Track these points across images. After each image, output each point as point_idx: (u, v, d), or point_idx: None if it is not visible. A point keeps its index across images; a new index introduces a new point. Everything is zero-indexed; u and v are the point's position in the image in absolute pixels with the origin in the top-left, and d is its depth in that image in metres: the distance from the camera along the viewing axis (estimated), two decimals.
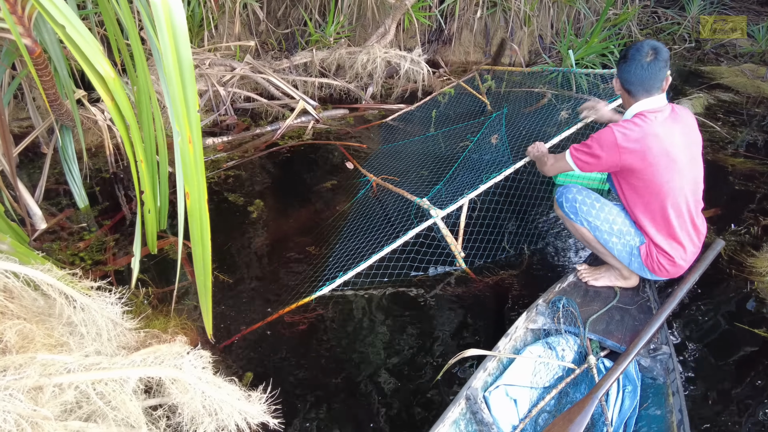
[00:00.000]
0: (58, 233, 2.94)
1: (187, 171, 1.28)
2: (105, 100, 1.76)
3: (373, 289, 2.70)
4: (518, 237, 3.14)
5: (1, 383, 1.40)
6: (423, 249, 2.88)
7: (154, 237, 2.42)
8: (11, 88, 3.06)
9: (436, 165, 3.78)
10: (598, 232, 2.35)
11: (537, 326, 2.31)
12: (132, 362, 1.62)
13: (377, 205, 3.38)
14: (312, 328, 2.45)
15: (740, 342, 2.47)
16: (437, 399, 2.15)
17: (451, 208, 2.82)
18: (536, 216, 3.38)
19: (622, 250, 2.34)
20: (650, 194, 2.17)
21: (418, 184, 3.49)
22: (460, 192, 3.09)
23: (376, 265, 2.72)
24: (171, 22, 1.06)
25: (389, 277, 2.75)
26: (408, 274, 2.79)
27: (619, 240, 2.33)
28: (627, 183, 2.23)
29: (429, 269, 2.83)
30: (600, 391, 1.86)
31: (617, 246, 2.34)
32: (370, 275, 2.73)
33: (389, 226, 3.13)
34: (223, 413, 1.71)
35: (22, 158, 3.65)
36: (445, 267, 2.84)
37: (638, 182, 2.17)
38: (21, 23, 2.33)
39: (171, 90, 1.11)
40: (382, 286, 2.72)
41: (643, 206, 2.22)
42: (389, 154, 4.05)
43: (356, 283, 2.69)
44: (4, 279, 1.70)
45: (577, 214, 2.39)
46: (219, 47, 5.06)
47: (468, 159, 3.80)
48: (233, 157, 3.93)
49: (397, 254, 2.80)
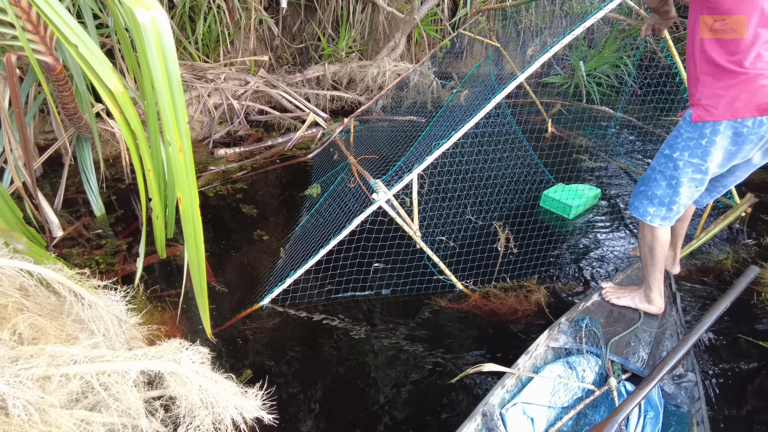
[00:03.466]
0: (76, 240, 3.10)
1: (179, 177, 1.40)
2: (114, 113, 1.90)
3: (380, 298, 2.76)
4: (487, 206, 3.07)
5: (12, 371, 1.52)
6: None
7: (162, 242, 2.56)
8: (36, 103, 3.26)
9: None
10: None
11: (558, 345, 2.27)
12: (133, 355, 1.74)
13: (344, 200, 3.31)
14: (318, 331, 2.54)
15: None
16: (446, 408, 2.16)
17: (397, 187, 2.54)
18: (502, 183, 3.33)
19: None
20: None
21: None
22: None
23: (379, 277, 2.78)
24: (160, 41, 1.18)
25: (393, 288, 2.82)
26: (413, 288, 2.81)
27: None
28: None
29: (423, 287, 2.77)
30: (620, 415, 1.80)
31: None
32: (374, 287, 2.79)
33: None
34: (219, 407, 1.82)
35: (46, 168, 3.86)
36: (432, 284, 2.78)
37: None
38: (43, 42, 2.51)
39: (161, 102, 1.23)
40: (393, 296, 2.76)
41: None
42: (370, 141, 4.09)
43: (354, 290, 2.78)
44: (20, 278, 1.84)
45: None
46: (234, 62, 5.26)
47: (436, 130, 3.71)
48: (245, 167, 4.08)
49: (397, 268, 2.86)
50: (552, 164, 4.01)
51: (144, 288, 2.70)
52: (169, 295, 2.68)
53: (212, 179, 3.93)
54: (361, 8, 5.73)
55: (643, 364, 2.14)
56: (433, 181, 3.18)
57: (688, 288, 2.85)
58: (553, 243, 3.21)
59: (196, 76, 4.86)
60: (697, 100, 2.00)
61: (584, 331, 2.27)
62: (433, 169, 3.00)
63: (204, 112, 4.70)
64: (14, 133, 2.77)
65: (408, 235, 2.60)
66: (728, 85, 1.91)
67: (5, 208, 2.30)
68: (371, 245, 2.84)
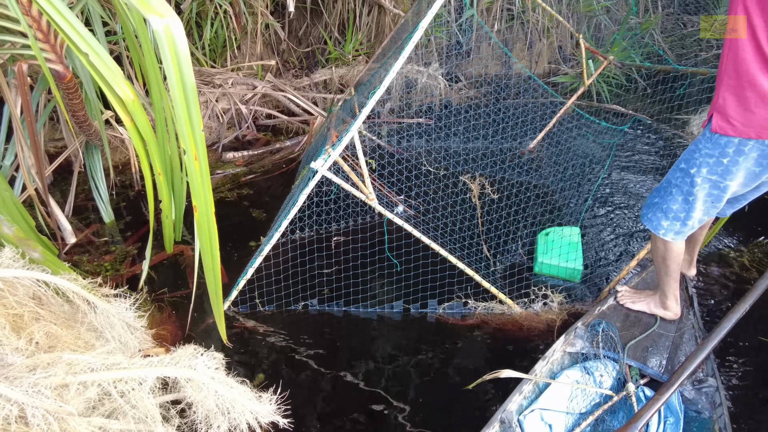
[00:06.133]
0: (86, 247, 3.12)
1: (194, 185, 1.39)
2: (124, 120, 1.90)
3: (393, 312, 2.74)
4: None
5: (31, 380, 1.53)
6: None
7: (170, 239, 2.61)
8: (46, 111, 3.27)
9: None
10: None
11: (575, 350, 2.25)
12: (149, 362, 1.74)
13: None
14: (330, 337, 2.54)
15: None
16: (463, 415, 2.15)
17: (338, 149, 2.25)
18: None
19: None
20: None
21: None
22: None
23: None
24: (174, 49, 1.18)
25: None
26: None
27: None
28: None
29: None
30: (640, 421, 1.75)
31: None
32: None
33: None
34: (235, 412, 1.82)
35: (56, 176, 3.87)
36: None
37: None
38: (53, 51, 2.52)
39: (176, 110, 1.23)
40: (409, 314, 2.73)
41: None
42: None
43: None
44: (34, 287, 1.84)
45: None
46: (242, 67, 5.26)
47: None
48: (255, 170, 4.10)
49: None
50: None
51: (148, 290, 2.73)
52: (175, 297, 2.71)
53: (220, 183, 3.94)
54: (368, 11, 5.72)
55: (661, 368, 2.11)
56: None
57: (704, 288, 2.82)
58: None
59: (203, 81, 4.87)
60: (720, 107, 1.84)
61: (601, 336, 2.25)
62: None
63: (212, 117, 4.71)
64: (26, 141, 2.78)
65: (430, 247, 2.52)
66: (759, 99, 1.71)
67: (18, 216, 2.31)
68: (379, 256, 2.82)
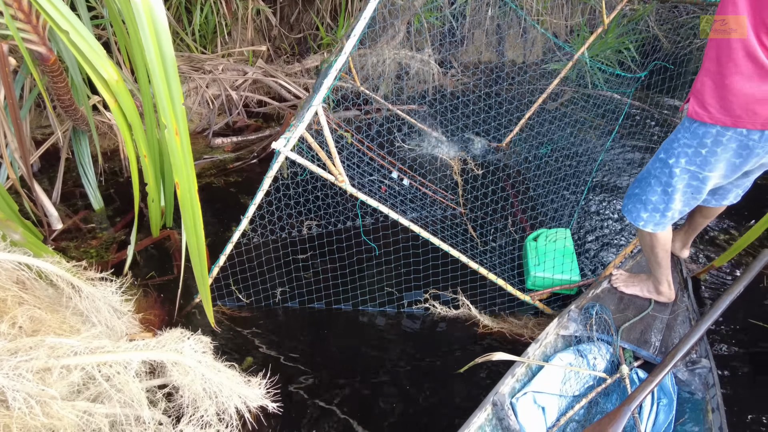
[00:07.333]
0: (73, 233, 3.08)
1: (176, 161, 1.36)
2: (108, 101, 1.86)
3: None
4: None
5: (11, 363, 1.50)
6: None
7: (157, 223, 2.62)
8: (31, 96, 3.22)
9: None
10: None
11: (568, 333, 2.24)
12: (135, 346, 1.71)
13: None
14: (321, 321, 2.52)
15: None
16: (455, 398, 2.14)
17: (300, 129, 2.00)
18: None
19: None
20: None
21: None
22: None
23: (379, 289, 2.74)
24: (152, 21, 1.14)
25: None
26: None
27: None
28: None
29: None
30: (633, 403, 1.78)
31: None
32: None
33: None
34: (223, 396, 1.80)
35: (43, 163, 3.81)
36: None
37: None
38: (36, 32, 2.47)
39: (155, 84, 1.20)
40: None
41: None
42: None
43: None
44: (17, 271, 1.81)
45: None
46: (232, 52, 5.20)
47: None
48: (243, 157, 4.05)
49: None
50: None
51: (135, 275, 2.71)
52: (162, 281, 2.69)
53: (207, 167, 3.91)
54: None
55: (655, 350, 2.10)
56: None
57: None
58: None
59: (193, 67, 4.80)
60: (697, 91, 1.79)
61: (594, 319, 2.23)
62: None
63: (202, 103, 4.65)
64: (9, 126, 2.73)
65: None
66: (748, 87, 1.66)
67: (0, 200, 2.27)
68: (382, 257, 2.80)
